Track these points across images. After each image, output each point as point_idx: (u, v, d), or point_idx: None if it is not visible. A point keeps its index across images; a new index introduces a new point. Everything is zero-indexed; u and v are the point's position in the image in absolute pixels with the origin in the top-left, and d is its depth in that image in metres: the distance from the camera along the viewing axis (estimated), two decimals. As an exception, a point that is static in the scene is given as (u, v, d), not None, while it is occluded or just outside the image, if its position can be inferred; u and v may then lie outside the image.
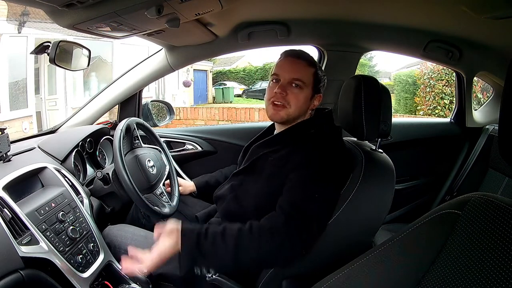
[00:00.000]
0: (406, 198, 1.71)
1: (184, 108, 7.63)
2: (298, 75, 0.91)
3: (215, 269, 0.78)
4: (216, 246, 0.77)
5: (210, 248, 0.77)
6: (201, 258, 0.77)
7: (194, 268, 0.77)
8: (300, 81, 0.91)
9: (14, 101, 5.38)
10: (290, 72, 0.92)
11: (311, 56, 0.97)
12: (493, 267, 0.42)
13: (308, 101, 0.94)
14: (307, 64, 0.94)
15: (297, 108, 0.93)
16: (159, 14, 0.78)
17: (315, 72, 0.94)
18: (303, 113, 0.96)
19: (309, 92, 0.94)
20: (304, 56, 0.95)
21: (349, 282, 0.59)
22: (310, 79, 0.93)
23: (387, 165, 0.90)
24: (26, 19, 5.33)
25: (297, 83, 0.92)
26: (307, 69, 0.93)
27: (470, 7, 0.97)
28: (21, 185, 0.92)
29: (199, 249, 0.77)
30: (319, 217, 0.82)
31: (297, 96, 0.92)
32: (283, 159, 0.88)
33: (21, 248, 0.76)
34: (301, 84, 0.92)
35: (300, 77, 0.91)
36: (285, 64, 0.94)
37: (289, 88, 0.92)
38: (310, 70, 0.94)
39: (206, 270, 0.77)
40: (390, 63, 29.79)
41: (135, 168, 1.13)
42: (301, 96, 0.92)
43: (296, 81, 0.91)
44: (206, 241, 0.78)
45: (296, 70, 0.92)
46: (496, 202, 0.46)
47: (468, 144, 1.70)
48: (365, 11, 1.23)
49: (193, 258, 0.77)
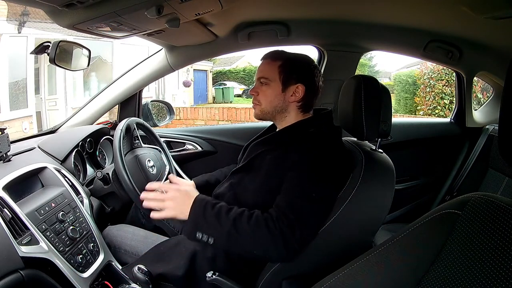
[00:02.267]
0: (406, 198, 1.71)
1: (184, 108, 7.63)
2: (261, 73, 0.97)
3: (213, 241, 0.81)
4: (219, 218, 0.81)
5: (213, 219, 0.81)
6: (204, 225, 0.81)
7: (196, 233, 0.81)
8: (264, 78, 0.96)
9: (14, 101, 5.38)
10: (258, 72, 0.99)
11: (280, 51, 0.99)
12: (493, 267, 0.42)
13: (279, 94, 0.95)
14: (270, 60, 0.97)
15: (267, 103, 0.96)
16: (159, 14, 0.78)
17: (282, 64, 0.95)
18: (282, 107, 0.96)
19: (276, 85, 0.95)
20: (270, 53, 0.99)
21: (349, 282, 0.59)
22: (275, 72, 0.95)
23: (387, 165, 0.90)
24: (26, 19, 5.33)
25: (262, 81, 0.96)
26: (270, 64, 0.96)
27: (470, 7, 0.97)
28: (21, 185, 0.92)
29: (204, 216, 0.82)
30: (315, 216, 0.82)
31: (265, 93, 0.96)
32: (281, 157, 0.89)
33: (21, 248, 0.76)
34: (265, 81, 0.96)
35: (263, 74, 0.96)
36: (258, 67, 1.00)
37: (259, 88, 0.97)
38: (275, 64, 0.95)
39: (206, 239, 0.81)
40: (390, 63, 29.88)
41: (135, 168, 1.13)
42: (268, 91, 0.96)
43: (261, 79, 0.96)
44: (212, 210, 0.82)
45: (261, 69, 0.98)
46: (496, 202, 0.46)
47: (468, 144, 1.70)
48: (365, 11, 1.23)
49: (197, 223, 0.82)
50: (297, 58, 0.97)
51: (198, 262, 0.94)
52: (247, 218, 0.81)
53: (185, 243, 0.99)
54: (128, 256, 1.08)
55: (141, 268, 0.86)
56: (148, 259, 0.97)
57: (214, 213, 0.82)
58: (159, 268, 0.92)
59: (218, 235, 0.81)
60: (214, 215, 0.81)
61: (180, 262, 0.93)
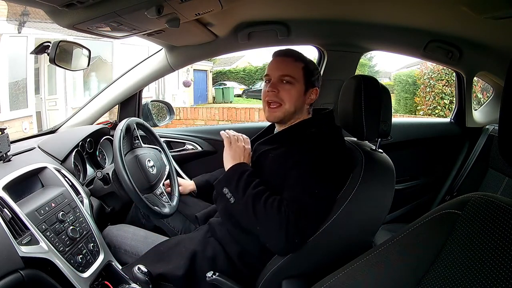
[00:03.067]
0: (406, 198, 1.71)
1: (184, 108, 7.62)
2: (286, 71, 0.94)
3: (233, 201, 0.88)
4: (246, 186, 0.87)
5: (243, 184, 0.88)
6: (234, 186, 0.89)
7: (224, 188, 0.90)
8: (289, 77, 0.94)
9: (14, 101, 5.37)
10: (279, 69, 0.95)
11: (298, 52, 0.99)
12: (493, 267, 0.42)
13: (302, 96, 0.95)
14: (294, 59, 0.95)
15: (292, 104, 0.94)
16: (159, 14, 0.78)
17: (304, 66, 0.95)
18: (299, 109, 0.96)
19: (301, 87, 0.95)
20: (291, 52, 0.97)
21: (349, 282, 0.59)
22: (300, 73, 0.94)
23: (387, 165, 0.90)
24: (26, 19, 5.33)
25: (286, 79, 0.94)
26: (294, 64, 0.95)
27: (470, 7, 0.97)
28: (21, 185, 0.92)
29: (239, 179, 0.89)
30: (316, 212, 0.83)
31: (289, 92, 0.94)
32: (283, 157, 0.89)
33: (21, 248, 0.76)
34: (290, 80, 0.94)
35: (288, 72, 0.94)
36: (274, 64, 0.97)
37: (280, 85, 0.94)
38: (298, 65, 0.95)
39: (229, 197, 0.89)
40: (390, 63, 29.80)
41: (135, 168, 1.13)
42: (293, 91, 0.94)
43: (285, 77, 0.94)
44: (246, 179, 0.88)
45: (284, 67, 0.95)
46: (496, 202, 0.46)
47: (468, 144, 1.70)
48: (365, 11, 1.23)
49: (231, 181, 0.90)
50: (312, 62, 0.99)
51: (198, 262, 0.94)
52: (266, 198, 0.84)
53: (185, 243, 0.99)
54: (128, 256, 1.08)
55: (141, 268, 0.86)
56: (148, 259, 0.97)
57: (246, 181, 0.88)
58: (159, 268, 0.92)
59: (238, 200, 0.87)
60: (244, 183, 0.87)
61: (180, 262, 0.93)
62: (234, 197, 0.88)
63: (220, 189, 0.91)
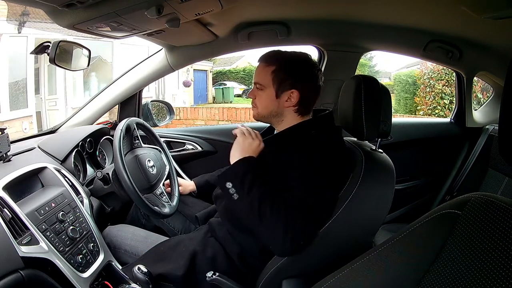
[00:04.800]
0: (406, 198, 1.71)
1: (184, 108, 7.62)
2: (256, 78, 0.97)
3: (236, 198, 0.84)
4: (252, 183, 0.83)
5: (250, 181, 0.83)
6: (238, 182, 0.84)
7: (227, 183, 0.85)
8: (258, 84, 0.95)
9: (14, 101, 5.37)
10: (254, 76, 0.98)
11: (275, 52, 0.97)
12: (493, 267, 0.42)
13: (274, 100, 0.94)
14: (265, 64, 0.95)
15: (263, 108, 0.96)
16: (159, 14, 0.78)
17: (276, 69, 0.93)
18: (279, 113, 0.95)
19: (270, 92, 0.94)
20: (264, 57, 0.97)
21: (349, 282, 0.59)
22: (268, 79, 0.93)
23: (387, 165, 0.90)
24: (26, 19, 5.32)
25: (257, 86, 0.96)
26: (264, 69, 0.94)
27: (470, 7, 0.97)
28: (21, 185, 0.92)
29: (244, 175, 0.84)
30: (321, 212, 0.82)
31: (260, 98, 0.96)
32: (283, 157, 0.89)
33: (21, 248, 0.76)
34: (260, 86, 0.95)
35: (257, 80, 0.96)
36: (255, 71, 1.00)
37: (256, 92, 0.97)
38: (268, 70, 0.93)
39: (232, 192, 0.84)
40: (390, 63, 29.80)
41: (135, 168, 1.13)
42: (263, 96, 0.95)
43: (256, 84, 0.96)
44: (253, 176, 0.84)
45: (257, 73, 0.97)
46: (496, 202, 0.46)
47: (468, 144, 1.70)
48: (365, 11, 1.23)
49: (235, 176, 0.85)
50: (294, 60, 0.94)
51: (198, 262, 0.94)
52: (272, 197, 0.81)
53: (185, 243, 0.99)
54: (128, 256, 1.08)
55: (141, 268, 0.86)
56: (148, 259, 0.97)
57: (253, 179, 0.84)
58: (159, 268, 0.93)
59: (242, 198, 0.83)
60: (251, 180, 0.83)
61: (180, 262, 0.93)
62: (238, 194, 0.83)
63: (223, 182, 0.85)
